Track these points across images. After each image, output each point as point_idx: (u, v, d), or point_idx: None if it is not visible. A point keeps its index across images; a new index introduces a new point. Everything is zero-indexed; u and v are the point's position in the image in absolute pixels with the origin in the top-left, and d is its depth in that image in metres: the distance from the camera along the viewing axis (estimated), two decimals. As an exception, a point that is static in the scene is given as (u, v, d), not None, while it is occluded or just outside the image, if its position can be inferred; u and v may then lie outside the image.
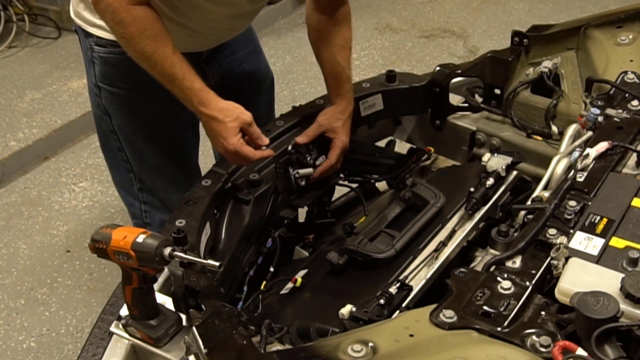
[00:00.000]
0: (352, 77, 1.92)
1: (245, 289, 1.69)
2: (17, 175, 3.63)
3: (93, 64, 1.92)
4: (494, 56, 2.05)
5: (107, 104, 1.95)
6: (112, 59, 1.88)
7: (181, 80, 1.63)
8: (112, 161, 2.10)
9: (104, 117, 1.97)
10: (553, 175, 1.66)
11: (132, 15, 1.58)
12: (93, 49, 1.90)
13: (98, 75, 1.92)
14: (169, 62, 1.62)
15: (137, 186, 2.07)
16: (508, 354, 1.14)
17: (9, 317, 2.83)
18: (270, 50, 4.58)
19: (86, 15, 1.86)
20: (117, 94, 1.93)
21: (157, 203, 2.08)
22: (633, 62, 1.94)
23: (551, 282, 1.32)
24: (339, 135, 1.86)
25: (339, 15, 1.86)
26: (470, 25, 4.84)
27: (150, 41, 1.60)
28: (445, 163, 2.17)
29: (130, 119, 1.95)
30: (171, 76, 1.63)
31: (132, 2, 1.58)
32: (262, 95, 2.26)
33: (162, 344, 1.37)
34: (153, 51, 1.61)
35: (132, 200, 2.12)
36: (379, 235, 1.67)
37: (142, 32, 1.59)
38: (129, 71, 1.84)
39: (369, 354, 1.17)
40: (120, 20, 1.59)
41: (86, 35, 1.90)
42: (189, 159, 2.13)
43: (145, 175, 2.05)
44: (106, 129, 2.00)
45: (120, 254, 1.28)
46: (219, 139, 1.67)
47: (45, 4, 4.69)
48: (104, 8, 1.60)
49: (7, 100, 4.13)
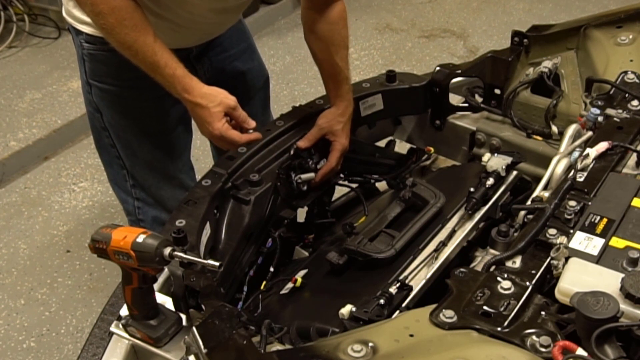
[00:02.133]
0: (350, 78, 1.92)
1: (245, 289, 1.69)
2: (17, 175, 3.64)
3: (84, 61, 1.93)
4: (494, 56, 2.05)
5: (97, 101, 1.96)
6: (101, 55, 1.88)
7: (163, 68, 1.64)
8: (105, 158, 2.11)
9: (96, 113, 1.99)
10: (553, 175, 1.65)
11: (111, 6, 1.59)
12: (83, 46, 1.91)
13: (88, 72, 1.94)
14: (150, 50, 1.63)
15: (130, 182, 2.08)
16: (508, 354, 1.14)
17: (9, 317, 2.83)
18: (270, 50, 4.58)
19: (75, 12, 1.87)
20: (107, 91, 1.94)
21: (150, 199, 2.09)
22: (633, 62, 1.94)
23: (551, 282, 1.32)
24: (339, 138, 1.86)
25: (335, 14, 1.86)
26: (470, 25, 4.85)
27: (130, 30, 1.61)
28: (445, 163, 2.17)
29: (120, 115, 1.96)
30: (153, 64, 1.64)
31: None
32: (256, 94, 2.26)
33: (162, 344, 1.37)
34: (134, 40, 1.62)
35: (125, 197, 2.13)
36: (379, 235, 1.67)
37: (121, 22, 1.60)
38: (118, 68, 1.85)
39: (369, 354, 1.17)
40: (99, 11, 1.61)
41: (77, 33, 1.91)
42: (180, 155, 2.13)
43: (137, 172, 2.05)
44: (98, 125, 2.01)
45: (120, 254, 1.28)
46: (205, 124, 1.68)
47: (45, 4, 4.69)
48: (83, 1, 1.62)
49: (7, 100, 4.13)
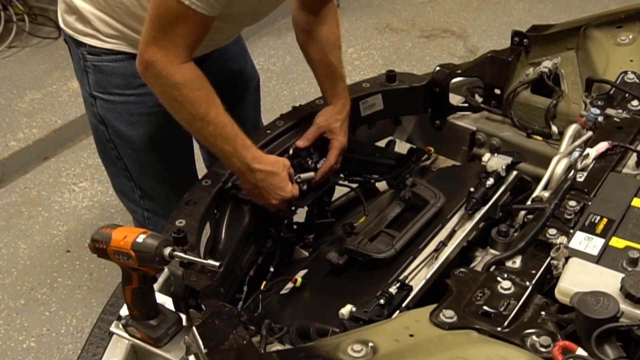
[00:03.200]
0: (345, 76, 1.91)
1: (245, 289, 1.70)
2: (17, 175, 3.63)
3: (87, 73, 1.88)
4: (494, 56, 2.05)
5: (103, 113, 1.91)
6: (106, 66, 1.85)
7: (234, 139, 1.62)
8: (111, 169, 2.07)
9: (100, 126, 1.94)
10: (553, 175, 1.65)
11: (185, 77, 1.56)
12: (86, 58, 1.86)
13: (92, 85, 1.89)
14: (221, 121, 1.61)
15: (138, 194, 2.05)
16: (508, 354, 1.14)
17: (9, 317, 2.83)
18: (270, 50, 4.59)
19: (78, 25, 1.83)
20: (113, 102, 1.90)
21: (160, 210, 2.06)
22: (633, 62, 1.94)
23: (551, 282, 1.32)
24: (337, 135, 1.85)
25: (326, 13, 1.85)
26: (470, 25, 4.84)
27: (203, 102, 1.58)
28: (445, 163, 2.17)
29: (128, 126, 1.92)
30: (223, 135, 1.61)
31: (183, 60, 1.56)
32: (249, 95, 2.25)
33: (162, 344, 1.37)
34: (206, 112, 1.59)
35: (134, 207, 2.10)
36: (379, 235, 1.67)
37: (195, 93, 1.57)
38: (124, 79, 1.83)
39: (369, 354, 1.17)
40: (173, 83, 1.56)
41: (77, 45, 1.87)
42: (190, 164, 2.12)
43: (145, 183, 2.03)
44: (103, 138, 1.97)
45: (120, 254, 1.28)
46: (276, 190, 1.67)
47: (45, 4, 4.69)
48: (155, 74, 1.57)
49: (7, 100, 4.13)
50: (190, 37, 1.55)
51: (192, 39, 1.56)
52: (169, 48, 1.54)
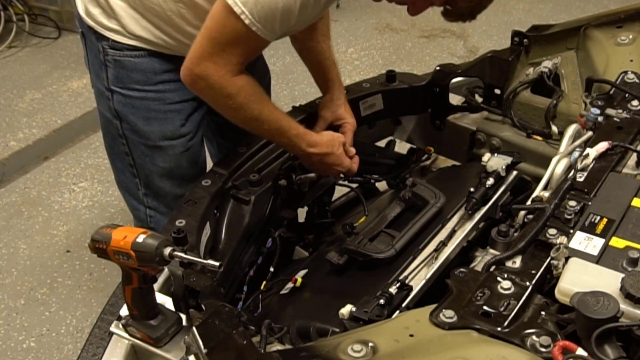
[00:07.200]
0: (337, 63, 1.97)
1: (245, 289, 1.69)
2: (17, 175, 3.63)
3: (106, 67, 1.88)
4: (494, 56, 2.05)
5: (119, 108, 1.91)
6: (127, 62, 1.84)
7: (288, 130, 1.71)
8: (117, 165, 2.07)
9: (114, 120, 1.94)
10: (553, 175, 1.66)
11: (238, 87, 1.62)
12: (107, 52, 1.85)
13: (111, 79, 1.88)
14: (274, 117, 1.69)
15: (142, 191, 2.05)
16: (508, 354, 1.14)
17: (9, 317, 2.83)
18: (270, 50, 4.56)
19: (102, 19, 1.83)
20: (131, 97, 1.89)
21: (162, 208, 2.06)
22: (633, 62, 1.94)
23: (551, 282, 1.32)
24: (346, 118, 1.91)
25: None
26: (470, 25, 4.84)
27: (256, 105, 1.66)
28: (445, 163, 2.17)
29: (144, 122, 1.91)
30: (279, 129, 1.71)
31: (235, 72, 1.60)
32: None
33: (162, 344, 1.37)
34: (260, 112, 1.67)
35: (137, 205, 2.10)
36: (379, 235, 1.67)
37: (248, 99, 1.64)
38: (144, 75, 1.84)
39: (369, 354, 1.17)
40: (227, 94, 1.62)
41: (98, 38, 1.86)
42: (201, 164, 2.12)
43: (152, 180, 2.02)
44: (115, 133, 1.97)
45: (120, 254, 1.28)
46: (334, 167, 1.80)
47: (45, 4, 4.69)
48: (207, 85, 1.61)
49: (7, 100, 4.13)
50: (246, 56, 1.62)
51: (247, 58, 1.63)
52: (223, 64, 1.59)
